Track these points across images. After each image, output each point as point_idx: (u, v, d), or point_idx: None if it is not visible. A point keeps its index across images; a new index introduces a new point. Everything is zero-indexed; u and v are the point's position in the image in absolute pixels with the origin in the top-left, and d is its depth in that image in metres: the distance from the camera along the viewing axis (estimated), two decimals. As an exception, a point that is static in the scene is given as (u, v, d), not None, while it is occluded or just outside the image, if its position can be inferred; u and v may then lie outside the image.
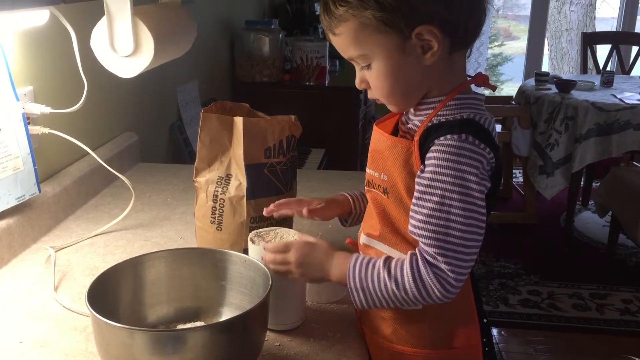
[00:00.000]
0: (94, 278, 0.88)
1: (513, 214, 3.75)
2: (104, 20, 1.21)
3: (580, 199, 3.89)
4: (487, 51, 4.70)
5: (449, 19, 0.84)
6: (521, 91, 3.73)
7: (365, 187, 0.98)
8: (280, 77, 2.95)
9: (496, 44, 7.11)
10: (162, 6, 1.39)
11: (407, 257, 0.84)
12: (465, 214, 0.81)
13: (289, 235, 1.01)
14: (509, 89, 6.61)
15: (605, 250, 3.33)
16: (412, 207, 0.85)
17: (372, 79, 0.89)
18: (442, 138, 0.83)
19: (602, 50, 4.32)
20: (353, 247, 1.02)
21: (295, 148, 1.15)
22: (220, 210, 1.10)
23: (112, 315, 0.82)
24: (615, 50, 4.25)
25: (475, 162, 0.82)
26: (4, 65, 1.18)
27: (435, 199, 0.82)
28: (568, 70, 6.44)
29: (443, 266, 0.81)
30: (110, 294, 0.90)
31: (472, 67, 4.58)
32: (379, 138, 0.93)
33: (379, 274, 0.85)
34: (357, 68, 0.91)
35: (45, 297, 1.08)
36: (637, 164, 4.15)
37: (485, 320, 0.97)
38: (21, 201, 1.23)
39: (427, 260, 0.82)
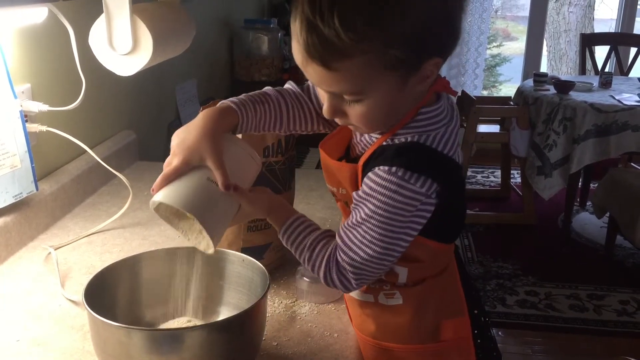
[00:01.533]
0: (91, 276, 0.88)
1: (511, 215, 3.76)
2: (102, 18, 1.21)
3: (578, 200, 3.89)
4: (485, 52, 4.70)
5: (449, 47, 0.80)
6: (519, 92, 3.73)
7: (334, 198, 0.96)
8: (279, 76, 2.95)
9: (495, 44, 7.11)
10: (161, 4, 1.39)
11: (328, 251, 0.85)
12: (381, 241, 0.80)
13: None
14: (507, 90, 6.62)
15: (602, 251, 3.33)
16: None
17: (359, 114, 0.79)
18: (376, 168, 0.79)
19: (601, 52, 4.33)
20: None
21: (293, 147, 1.15)
22: (219, 210, 1.10)
23: (110, 314, 0.81)
24: (613, 52, 4.26)
25: (402, 197, 0.78)
26: (2, 63, 1.18)
27: (359, 216, 0.81)
28: (566, 71, 6.44)
29: (351, 276, 0.83)
30: (107, 293, 0.90)
31: (471, 67, 4.58)
32: (326, 160, 0.90)
33: (303, 249, 0.86)
34: (333, 98, 0.80)
35: (42, 296, 1.08)
36: (635, 165, 4.16)
37: (476, 312, 0.95)
38: (18, 199, 1.23)
39: (339, 264, 0.83)
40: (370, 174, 0.80)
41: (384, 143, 0.82)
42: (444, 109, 0.84)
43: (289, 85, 0.99)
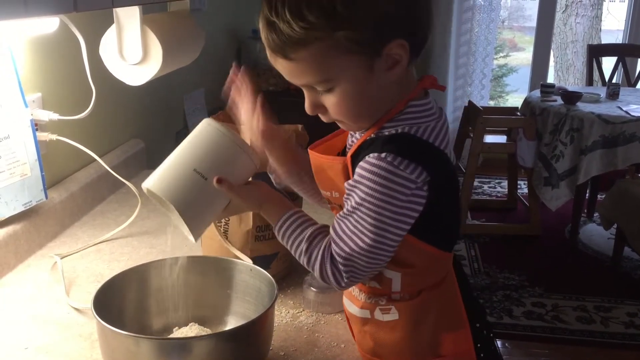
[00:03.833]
0: (99, 285, 0.88)
1: (518, 226, 3.74)
2: (113, 29, 1.22)
3: (585, 211, 3.87)
4: (492, 62, 4.70)
5: (413, 29, 0.80)
6: (526, 102, 3.73)
7: (329, 205, 0.95)
8: (286, 86, 2.96)
9: (501, 54, 7.12)
10: (171, 15, 1.40)
11: (324, 244, 0.84)
12: (373, 231, 0.79)
13: None
14: (514, 100, 6.61)
15: (610, 262, 3.31)
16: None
17: (334, 104, 0.82)
18: (366, 157, 0.79)
19: (608, 63, 4.32)
20: None
21: (301, 157, 1.15)
22: (226, 219, 1.11)
23: (118, 323, 0.82)
24: (621, 63, 4.25)
25: (392, 184, 0.78)
26: (14, 72, 1.19)
27: (349, 205, 0.81)
28: (574, 82, 6.43)
29: (342, 268, 0.82)
30: (116, 301, 0.91)
31: (478, 77, 4.58)
32: (316, 160, 0.90)
33: (300, 242, 0.85)
34: (309, 92, 0.83)
35: (50, 304, 1.08)
36: (643, 177, 4.14)
37: (478, 325, 0.93)
38: (28, 207, 1.24)
39: (332, 257, 0.82)
40: (361, 163, 0.80)
41: (372, 135, 0.83)
42: (433, 105, 0.85)
43: None
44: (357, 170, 0.80)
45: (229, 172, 0.86)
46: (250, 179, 0.91)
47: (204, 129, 0.88)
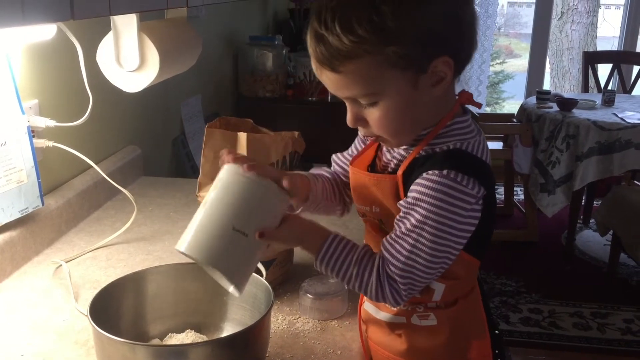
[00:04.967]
0: (95, 292, 0.88)
1: (514, 232, 3.75)
2: (110, 36, 1.22)
3: (582, 217, 3.88)
4: (488, 68, 4.72)
5: (459, 47, 0.82)
6: (523, 109, 3.74)
7: (362, 218, 0.96)
8: (283, 92, 2.97)
9: (498, 61, 7.14)
10: (168, 22, 1.40)
11: (376, 264, 0.83)
12: (433, 248, 0.80)
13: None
14: (510, 107, 6.63)
15: (606, 269, 3.32)
16: (394, 223, 0.84)
17: (377, 118, 0.82)
18: (424, 174, 0.80)
19: (604, 69, 4.34)
20: None
21: (298, 164, 1.16)
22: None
23: (114, 330, 0.82)
24: (616, 70, 4.27)
25: (456, 200, 0.79)
26: (10, 79, 1.19)
27: (409, 224, 0.81)
28: (569, 89, 6.45)
29: (401, 287, 0.82)
30: (112, 308, 0.90)
31: (474, 84, 4.59)
32: (359, 176, 0.90)
33: (349, 265, 0.84)
34: (352, 105, 0.84)
35: (47, 310, 1.08)
36: (639, 183, 4.15)
37: (497, 332, 0.96)
38: (24, 214, 1.24)
39: (389, 277, 0.83)
40: (419, 180, 0.80)
41: (422, 152, 0.84)
42: (471, 121, 0.87)
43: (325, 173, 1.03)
44: (416, 187, 0.80)
45: (267, 219, 0.83)
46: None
47: (231, 179, 0.83)
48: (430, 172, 0.80)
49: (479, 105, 0.91)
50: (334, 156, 1.05)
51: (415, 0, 0.76)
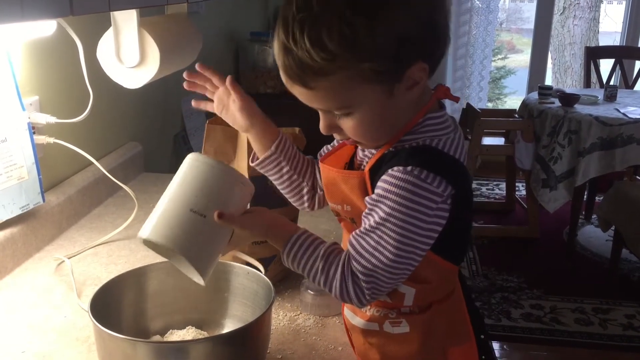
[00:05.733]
0: (96, 288, 0.88)
1: (516, 228, 3.75)
2: (110, 32, 1.22)
3: (583, 213, 3.87)
4: (490, 64, 4.71)
5: (434, 50, 0.79)
6: (524, 104, 3.73)
7: (336, 217, 0.94)
8: (284, 88, 2.95)
9: (499, 57, 7.13)
10: (169, 18, 1.40)
11: (342, 260, 0.81)
12: (397, 247, 0.77)
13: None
14: (512, 102, 6.62)
15: (608, 264, 3.31)
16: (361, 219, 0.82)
17: (352, 127, 0.80)
18: (389, 170, 0.78)
19: (606, 65, 4.33)
20: None
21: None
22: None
23: (115, 326, 0.82)
24: (618, 65, 4.26)
25: (419, 198, 0.76)
26: (11, 75, 1.19)
27: (372, 221, 0.78)
28: (571, 84, 6.44)
29: (364, 285, 0.80)
30: (113, 305, 0.90)
31: (476, 79, 4.58)
32: (329, 173, 0.89)
33: (315, 260, 0.82)
34: (325, 115, 0.82)
35: (48, 307, 1.08)
36: (640, 179, 4.15)
37: (482, 337, 0.93)
38: (25, 210, 1.24)
39: (353, 274, 0.80)
40: (384, 176, 0.78)
41: (391, 148, 0.82)
42: (448, 117, 0.85)
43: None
44: (381, 184, 0.78)
45: (227, 204, 0.83)
46: (248, 207, 0.89)
47: (191, 165, 0.85)
48: (395, 168, 0.77)
49: (456, 100, 0.88)
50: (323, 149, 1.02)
51: (388, 10, 0.73)
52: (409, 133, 0.82)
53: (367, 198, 0.80)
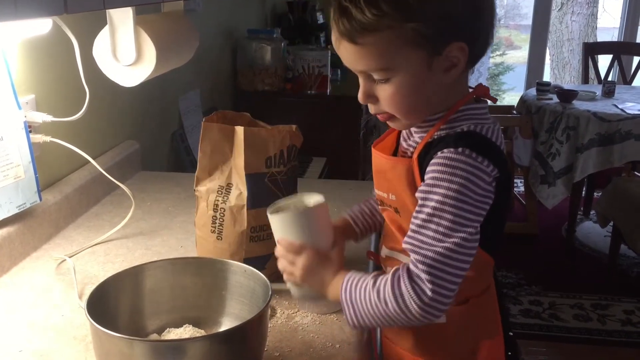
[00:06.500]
0: (93, 287, 0.88)
1: (514, 224, 3.75)
2: (106, 30, 1.22)
3: (582, 209, 3.88)
4: (488, 60, 4.71)
5: (476, 36, 0.83)
6: (522, 101, 3.73)
7: (380, 207, 0.96)
8: (282, 85, 2.96)
9: (498, 53, 7.12)
10: (165, 15, 1.39)
11: (390, 273, 0.82)
12: (458, 229, 0.79)
13: (310, 198, 0.98)
14: (510, 99, 6.62)
15: (606, 260, 3.32)
16: (411, 219, 0.83)
17: (388, 95, 0.84)
18: (439, 152, 0.81)
19: (604, 60, 4.33)
20: (374, 259, 1.02)
21: (296, 158, 1.15)
22: (221, 220, 1.10)
23: (112, 325, 0.81)
24: (616, 61, 4.26)
25: (472, 176, 0.79)
26: (7, 74, 1.19)
27: (427, 210, 0.80)
28: (569, 80, 6.44)
29: (422, 275, 0.78)
30: (110, 303, 0.90)
31: (474, 76, 4.58)
32: (378, 159, 0.91)
33: (367, 284, 0.83)
34: (365, 80, 0.86)
35: (45, 307, 1.08)
36: (639, 174, 4.15)
37: (511, 334, 0.95)
38: (22, 209, 1.23)
39: (407, 269, 0.80)
40: (434, 159, 0.81)
41: (435, 136, 0.85)
42: (488, 110, 0.88)
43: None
44: (432, 168, 0.80)
45: (315, 239, 0.92)
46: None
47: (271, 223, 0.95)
48: (445, 150, 0.80)
49: (494, 100, 0.93)
50: None
51: None
52: (452, 121, 0.85)
53: (417, 192, 0.82)
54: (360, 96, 0.87)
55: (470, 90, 0.90)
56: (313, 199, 0.98)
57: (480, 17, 0.83)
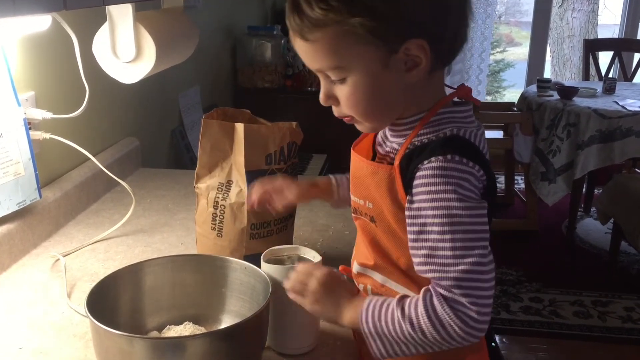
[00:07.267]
0: (93, 284, 0.88)
1: (515, 221, 3.75)
2: (106, 26, 1.21)
3: (582, 205, 3.88)
4: (489, 57, 4.70)
5: (439, 34, 0.78)
6: (523, 97, 3.73)
7: (353, 216, 0.92)
8: (282, 82, 2.95)
9: (498, 50, 7.12)
10: (165, 12, 1.39)
11: (420, 294, 0.77)
12: (475, 237, 0.75)
13: (309, 254, 0.96)
14: (511, 95, 6.61)
15: (607, 257, 3.32)
16: (410, 245, 0.79)
17: (345, 95, 0.81)
18: (426, 162, 0.76)
19: (605, 57, 4.32)
20: (347, 275, 0.96)
21: (296, 155, 1.15)
22: (221, 217, 1.10)
23: (112, 322, 0.81)
24: (617, 57, 4.25)
25: (465, 182, 0.75)
26: (6, 71, 1.18)
27: (436, 228, 0.75)
28: (570, 77, 6.44)
29: (462, 299, 0.74)
30: (110, 301, 0.90)
31: (475, 73, 4.58)
32: (358, 163, 0.87)
33: (392, 314, 0.77)
34: (324, 81, 0.83)
35: (45, 304, 1.08)
36: (639, 171, 4.15)
37: (493, 344, 0.92)
38: (22, 206, 1.23)
39: (441, 295, 0.75)
40: (423, 172, 0.76)
41: (416, 141, 0.80)
42: (472, 113, 0.84)
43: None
44: (424, 180, 0.76)
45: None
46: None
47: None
48: (433, 158, 0.76)
49: (477, 102, 0.87)
50: None
51: None
52: (432, 124, 0.81)
53: (410, 210, 0.77)
54: (320, 97, 0.84)
55: (452, 91, 0.85)
56: (311, 255, 0.96)
57: (446, 13, 0.78)
